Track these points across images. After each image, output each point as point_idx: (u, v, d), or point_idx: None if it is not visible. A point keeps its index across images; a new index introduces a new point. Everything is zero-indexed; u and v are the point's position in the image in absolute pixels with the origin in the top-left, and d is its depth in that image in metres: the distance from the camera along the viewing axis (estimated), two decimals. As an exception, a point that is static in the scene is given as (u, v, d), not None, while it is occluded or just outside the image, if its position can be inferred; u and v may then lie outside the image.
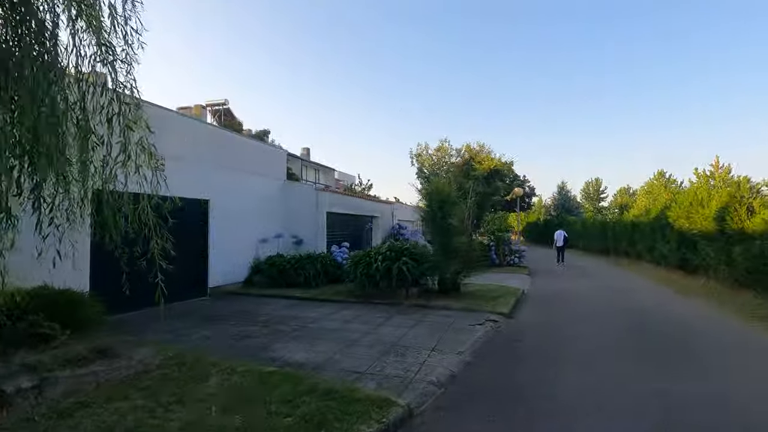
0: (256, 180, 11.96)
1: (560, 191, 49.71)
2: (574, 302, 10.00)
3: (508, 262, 17.72)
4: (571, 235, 33.60)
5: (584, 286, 13.05)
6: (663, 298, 10.88)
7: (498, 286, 11.56)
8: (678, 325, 7.76)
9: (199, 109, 27.72)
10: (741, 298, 10.55)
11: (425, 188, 10.30)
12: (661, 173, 51.12)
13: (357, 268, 9.52)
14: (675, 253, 15.49)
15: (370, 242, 18.07)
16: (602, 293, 11.49)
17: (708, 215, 13.05)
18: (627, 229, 21.76)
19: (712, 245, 12.67)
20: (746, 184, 11.38)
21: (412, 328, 7.05)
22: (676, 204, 15.54)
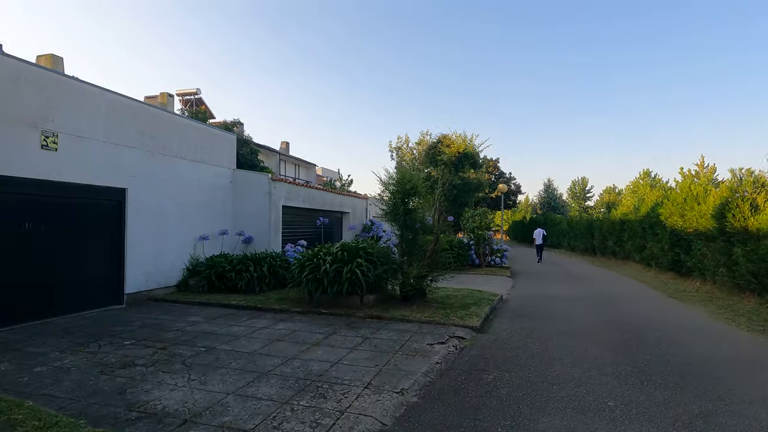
0: (197, 167, 10.30)
1: (547, 189, 48.80)
2: (558, 312, 8.62)
3: (488, 263, 16.35)
4: (557, 234, 32.68)
5: (569, 291, 11.71)
6: (658, 307, 9.57)
7: (473, 291, 10.13)
8: (681, 345, 6.39)
9: (165, 96, 25.79)
10: (745, 306, 9.30)
11: (388, 178, 8.81)
12: (646, 173, 50.61)
13: (302, 272, 7.97)
14: (667, 253, 14.28)
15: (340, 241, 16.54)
16: (590, 301, 10.15)
17: (705, 212, 11.82)
18: (615, 227, 20.61)
19: (710, 245, 11.43)
20: (749, 178, 10.17)
21: (354, 349, 5.53)
22: (668, 200, 14.34)
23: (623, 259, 20.03)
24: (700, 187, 13.06)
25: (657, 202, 15.83)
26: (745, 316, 8.32)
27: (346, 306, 7.88)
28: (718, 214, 10.72)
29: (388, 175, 9.02)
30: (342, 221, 17.05)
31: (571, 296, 10.72)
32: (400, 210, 8.54)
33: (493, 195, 36.83)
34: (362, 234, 17.01)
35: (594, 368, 5.12)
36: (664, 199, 14.86)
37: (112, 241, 8.17)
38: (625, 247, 19.08)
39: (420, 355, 5.33)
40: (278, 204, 11.62)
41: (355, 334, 6.30)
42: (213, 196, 10.77)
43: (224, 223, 10.98)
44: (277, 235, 11.52)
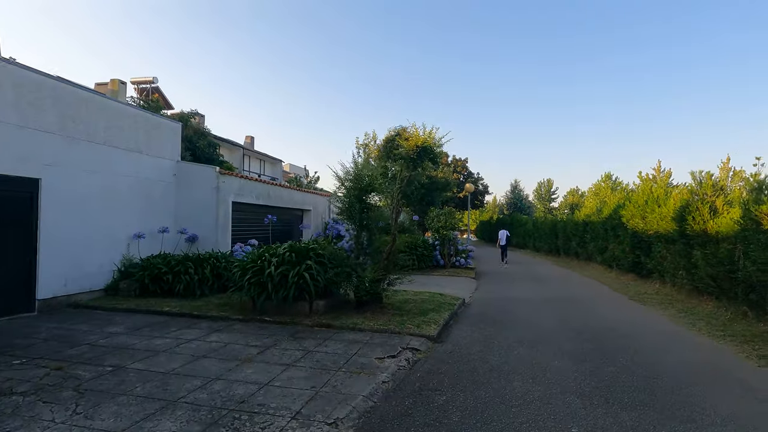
0: (132, 158, 9.25)
1: (513, 190, 49.46)
2: (521, 317, 8.22)
3: (453, 264, 15.96)
4: (523, 235, 33.00)
5: (533, 293, 11.42)
6: (621, 311, 9.37)
7: (434, 294, 9.61)
8: (646, 354, 6.07)
9: (116, 83, 24.02)
10: (704, 309, 9.24)
11: (344, 173, 8.13)
12: (608, 176, 52.19)
13: (245, 275, 7.16)
14: (628, 255, 14.33)
15: (300, 235, 15.72)
16: (553, 304, 9.85)
17: (665, 215, 11.83)
18: (578, 228, 20.77)
19: (670, 248, 11.43)
20: (709, 181, 10.17)
21: (291, 366, 4.83)
22: (630, 203, 14.39)
23: (586, 260, 20.20)
24: (660, 190, 13.13)
25: (619, 204, 15.93)
26: (704, 320, 8.20)
27: (293, 313, 7.14)
28: (678, 216, 10.70)
29: (344, 171, 8.35)
30: (303, 220, 16.21)
31: (535, 299, 10.40)
32: (356, 208, 7.89)
33: (461, 195, 36.80)
34: (326, 233, 16.25)
35: (556, 384, 4.64)
36: (626, 201, 14.93)
37: (22, 239, 7.07)
38: (588, 248, 19.23)
39: (366, 372, 4.69)
40: (227, 200, 10.69)
41: (297, 347, 5.59)
42: (152, 190, 9.73)
43: (165, 220, 9.96)
44: (225, 234, 10.59)
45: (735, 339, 6.80)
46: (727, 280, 8.76)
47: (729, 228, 8.75)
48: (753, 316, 8.03)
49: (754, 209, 7.47)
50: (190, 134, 19.76)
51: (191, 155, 18.09)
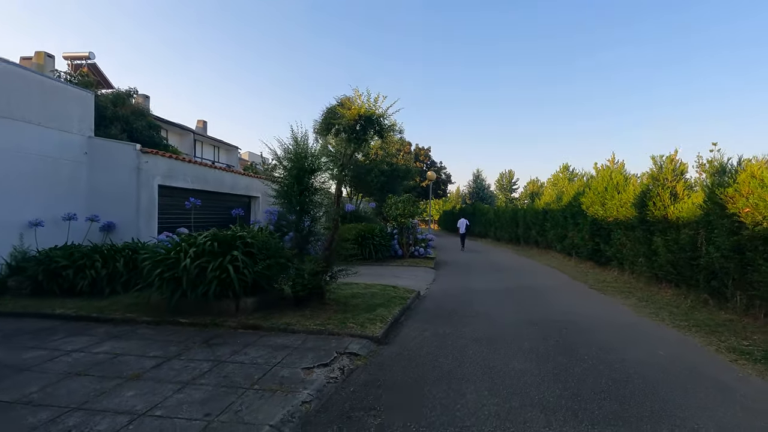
0: (23, 130, 7.71)
1: (476, 180, 49.64)
2: (479, 310, 7.53)
3: (412, 253, 15.22)
4: (484, 224, 32.94)
5: (493, 284, 10.83)
6: (582, 301, 8.90)
7: (386, 287, 8.76)
8: (612, 351, 5.49)
9: (42, 56, 21.42)
10: (664, 297, 8.94)
11: (283, 151, 7.04)
12: (565, 166, 53.41)
13: (155, 269, 5.97)
14: (588, 243, 14.11)
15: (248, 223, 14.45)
16: (513, 295, 9.25)
17: (625, 201, 11.55)
18: (538, 217, 20.63)
19: (630, 235, 11.16)
20: (670, 165, 9.88)
21: (188, 385, 3.79)
22: (590, 189, 14.14)
23: (545, 248, 20.11)
24: (620, 176, 12.89)
25: (578, 192, 15.72)
26: (666, 309, 7.84)
27: (216, 313, 6.05)
28: (638, 202, 10.39)
29: (283, 148, 7.26)
30: (251, 208, 14.90)
31: (494, 289, 9.79)
32: (295, 190, 6.85)
33: (423, 184, 36.26)
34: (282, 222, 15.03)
35: (516, 394, 3.89)
36: (586, 188, 14.70)
37: None
38: (548, 236, 19.10)
39: (285, 389, 3.73)
40: (152, 183, 9.31)
41: (208, 356, 4.54)
42: (54, 170, 8.22)
43: (75, 206, 8.48)
44: (150, 222, 9.23)
45: (700, 329, 6.39)
46: (688, 266, 8.46)
47: (691, 213, 8.42)
48: (714, 303, 7.74)
49: (719, 192, 7.08)
50: (126, 114, 17.81)
51: (128, 137, 16.24)
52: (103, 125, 16.32)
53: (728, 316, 7.10)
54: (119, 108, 17.75)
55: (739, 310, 7.10)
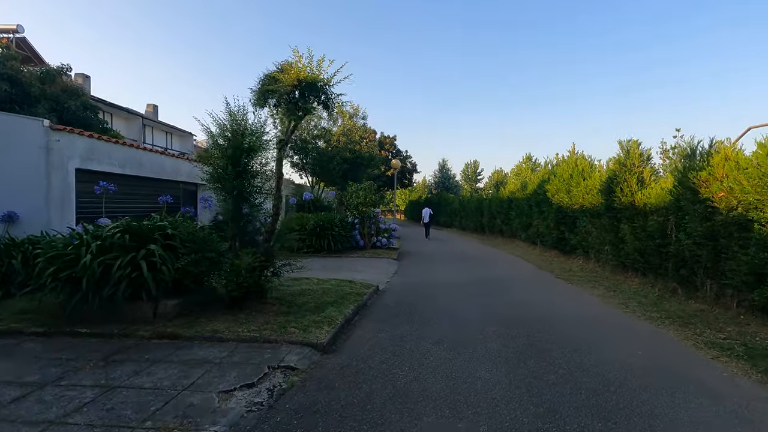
0: None
1: (441, 169, 49.46)
2: (442, 307, 6.86)
3: (374, 244, 14.45)
4: (450, 213, 32.71)
5: (457, 275, 10.24)
6: (549, 292, 8.44)
7: (342, 282, 7.94)
8: (587, 351, 4.94)
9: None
10: (631, 286, 8.63)
11: (218, 128, 5.98)
12: (528, 157, 54.24)
13: (49, 266, 4.85)
14: (552, 231, 13.83)
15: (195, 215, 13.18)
16: (478, 288, 8.68)
17: (591, 188, 11.24)
18: (503, 205, 20.38)
19: (596, 222, 10.86)
20: (636, 150, 9.57)
21: (52, 425, 2.82)
22: (555, 177, 13.83)
23: (510, 237, 19.92)
24: (585, 163, 12.61)
25: (543, 179, 15.44)
26: (635, 299, 7.48)
27: (130, 320, 5.02)
28: (605, 189, 10.05)
29: (218, 124, 6.20)
30: (197, 196, 13.58)
31: (459, 282, 9.19)
32: (230, 173, 5.85)
33: (389, 173, 35.53)
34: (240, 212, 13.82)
35: (484, 415, 3.19)
36: (551, 175, 14.40)
37: None
38: (513, 225, 18.86)
39: (185, 426, 2.84)
40: (67, 166, 7.96)
41: (97, 380, 3.56)
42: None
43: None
44: (65, 212, 7.91)
45: (673, 321, 6.00)
46: (656, 254, 8.15)
47: (660, 199, 8.09)
48: (683, 293, 7.45)
49: (692, 176, 6.70)
50: (56, 92, 15.87)
51: (57, 119, 14.40)
52: (27, 104, 14.38)
53: (699, 306, 6.79)
54: (48, 86, 15.76)
55: (710, 300, 6.81)
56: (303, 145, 22.17)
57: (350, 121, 22.70)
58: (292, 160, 23.53)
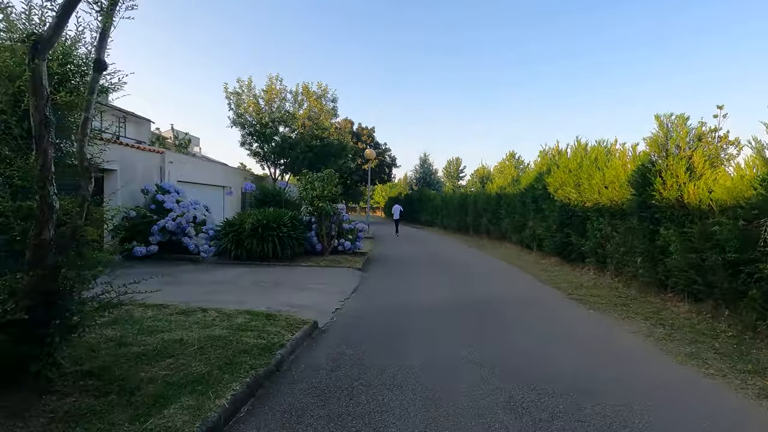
0: None
1: (423, 164, 46.87)
2: (411, 356, 4.14)
3: (335, 248, 11.61)
4: (431, 211, 30.08)
5: (435, 293, 7.50)
6: (565, 324, 5.78)
7: (255, 317, 5.03)
8: None
9: None
10: (679, 316, 6.07)
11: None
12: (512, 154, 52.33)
13: None
14: (555, 234, 11.27)
15: (95, 215, 10.03)
16: (464, 315, 5.97)
17: (612, 179, 8.67)
18: (490, 203, 17.84)
19: (619, 225, 8.30)
20: (683, 127, 7.03)
21: None
22: (558, 168, 11.27)
23: (499, 238, 17.38)
24: (601, 149, 10.05)
25: (541, 171, 12.89)
26: (705, 344, 4.91)
27: None
28: (637, 180, 7.48)
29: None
30: (104, 182, 10.46)
31: (437, 305, 6.45)
32: None
33: (365, 166, 32.65)
34: (150, 204, 10.74)
35: None
36: (553, 166, 11.84)
37: None
38: (502, 225, 16.33)
39: None
40: None
41: None
42: None
43: None
44: None
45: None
46: (725, 274, 5.58)
47: (736, 193, 5.50)
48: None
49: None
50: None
51: None
52: None
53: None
54: None
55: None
56: (262, 130, 19.07)
57: (317, 102, 19.66)
58: (251, 148, 20.42)
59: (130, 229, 10.23)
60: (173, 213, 10.38)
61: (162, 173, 12.55)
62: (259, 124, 19.24)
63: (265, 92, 19.65)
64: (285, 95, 19.80)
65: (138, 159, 11.48)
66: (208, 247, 10.41)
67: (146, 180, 11.69)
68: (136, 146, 11.44)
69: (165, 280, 7.75)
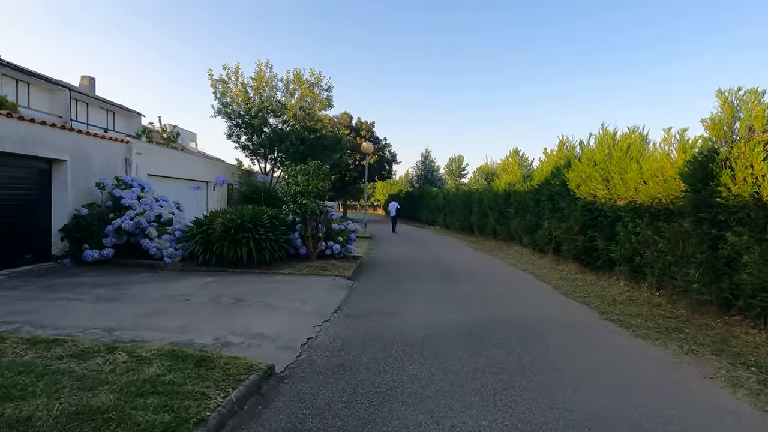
0: None
1: (424, 160, 45.31)
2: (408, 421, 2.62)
3: (323, 253, 10.11)
4: (433, 209, 28.54)
5: (441, 311, 5.98)
6: (622, 371, 4.26)
7: (182, 361, 3.50)
8: None
9: None
10: (760, 349, 4.58)
11: None
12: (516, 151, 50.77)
13: None
14: (576, 237, 9.75)
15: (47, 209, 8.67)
16: (479, 351, 4.44)
17: (654, 172, 7.13)
18: (498, 201, 16.30)
19: (665, 227, 6.77)
20: (756, 102, 5.50)
21: None
22: (581, 162, 9.73)
23: (506, 240, 15.86)
24: (636, 136, 8.49)
25: (557, 166, 11.36)
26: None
27: None
28: (693, 173, 5.94)
29: None
30: (52, 175, 8.98)
31: (441, 332, 4.94)
32: None
33: (364, 162, 31.11)
34: (107, 201, 9.23)
35: None
36: (573, 159, 10.29)
37: None
38: (511, 225, 14.79)
39: None
40: None
41: None
42: None
43: None
44: None
45: None
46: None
47: None
48: None
49: None
50: None
51: None
52: None
53: None
54: None
55: None
56: (250, 121, 17.56)
57: (309, 91, 18.12)
58: (239, 140, 18.92)
59: (81, 229, 8.77)
60: (131, 211, 8.89)
61: (128, 166, 11.06)
62: (248, 114, 17.73)
63: (254, 80, 18.11)
64: (275, 83, 18.25)
65: (96, 148, 9.98)
66: (174, 250, 8.93)
67: (109, 173, 10.20)
68: (94, 134, 9.93)
69: (102, 293, 6.28)
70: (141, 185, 10.07)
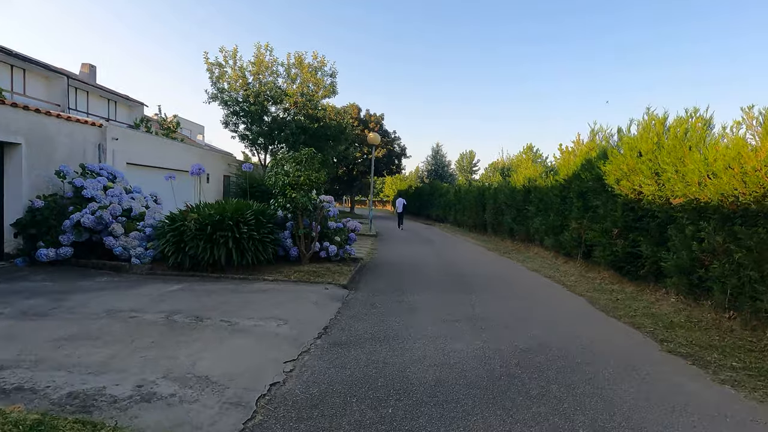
0: None
1: (435, 155, 43.74)
2: None
3: (317, 254, 8.78)
4: (444, 206, 27.10)
5: (455, 346, 4.60)
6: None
7: None
8: None
9: None
10: None
11: None
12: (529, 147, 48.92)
13: None
14: (615, 241, 8.28)
15: None
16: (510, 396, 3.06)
17: (728, 163, 5.64)
18: (515, 197, 14.82)
19: (743, 234, 5.29)
20: None
21: None
22: (620, 154, 8.24)
23: (525, 241, 14.38)
24: (698, 119, 6.96)
25: (589, 158, 9.87)
26: None
27: None
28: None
29: None
30: (4, 161, 7.78)
31: (456, 367, 3.58)
32: None
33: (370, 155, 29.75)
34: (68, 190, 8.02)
35: None
36: (611, 149, 8.79)
37: None
38: (530, 225, 13.31)
39: None
40: None
41: None
42: None
43: None
44: None
45: None
46: None
47: None
48: None
49: None
50: None
51: None
52: None
53: None
54: None
55: None
56: (248, 108, 16.28)
57: (312, 75, 16.76)
58: (237, 130, 17.69)
59: (37, 224, 7.57)
60: (93, 204, 7.65)
61: (102, 152, 9.84)
62: (246, 101, 16.45)
63: (253, 64, 16.81)
64: (276, 68, 16.92)
65: (61, 132, 8.76)
66: (143, 250, 7.69)
67: (78, 161, 9.00)
68: (57, 114, 8.71)
69: (32, 306, 5.02)
70: (112, 174, 8.84)
